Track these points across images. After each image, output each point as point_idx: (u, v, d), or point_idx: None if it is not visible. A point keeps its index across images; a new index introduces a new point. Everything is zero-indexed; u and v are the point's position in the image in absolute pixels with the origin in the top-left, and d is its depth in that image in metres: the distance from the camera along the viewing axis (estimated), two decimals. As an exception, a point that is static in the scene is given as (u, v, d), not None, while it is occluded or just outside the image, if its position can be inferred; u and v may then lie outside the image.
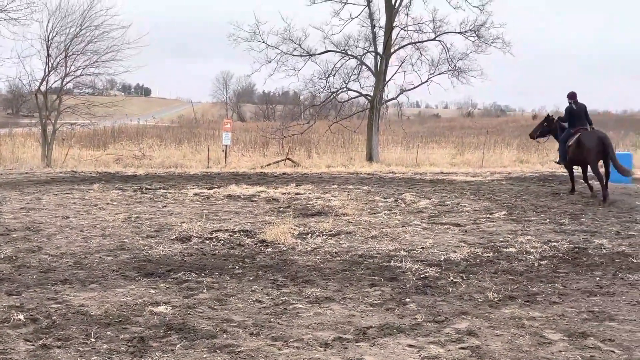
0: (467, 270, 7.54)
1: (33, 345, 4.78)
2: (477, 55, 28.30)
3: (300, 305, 6.00)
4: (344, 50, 28.30)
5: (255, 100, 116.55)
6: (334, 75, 28.63)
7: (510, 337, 5.20)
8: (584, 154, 14.46)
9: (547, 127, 16.50)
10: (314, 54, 28.36)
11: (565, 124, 15.65)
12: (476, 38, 27.72)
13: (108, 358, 4.55)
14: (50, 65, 24.93)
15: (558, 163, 16.34)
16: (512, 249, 8.75)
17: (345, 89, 29.18)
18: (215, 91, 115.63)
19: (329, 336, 5.12)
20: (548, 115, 17.10)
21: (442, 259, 8.12)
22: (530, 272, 7.49)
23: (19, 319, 5.34)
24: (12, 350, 4.65)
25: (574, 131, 15.04)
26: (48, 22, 24.89)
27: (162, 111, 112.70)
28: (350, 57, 28.52)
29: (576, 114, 15.16)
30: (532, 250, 8.69)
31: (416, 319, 5.62)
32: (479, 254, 8.46)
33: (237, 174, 21.29)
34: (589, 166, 14.79)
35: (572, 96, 15.27)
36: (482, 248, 8.86)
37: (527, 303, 6.19)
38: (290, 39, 27.85)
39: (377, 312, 5.86)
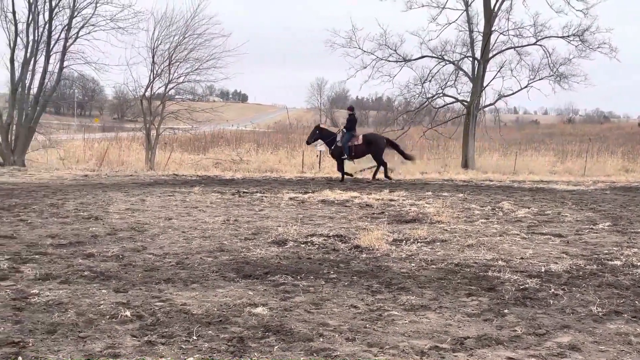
0: (569, 282, 7.26)
1: (139, 341, 5.00)
2: (580, 60, 27.27)
3: (396, 312, 5.97)
4: (440, 55, 28.00)
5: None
6: (429, 81, 28.39)
7: (616, 353, 4.96)
8: (372, 149, 21.01)
9: (318, 134, 22.03)
10: (410, 60, 28.21)
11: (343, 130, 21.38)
12: (580, 43, 26.73)
13: (209, 356, 4.69)
14: (155, 72, 26.08)
15: (343, 159, 21.26)
16: (618, 262, 8.35)
17: (441, 95, 28.85)
18: (310, 97, 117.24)
19: (425, 345, 5.06)
20: (318, 124, 24.26)
21: (542, 270, 7.85)
22: (637, 286, 7.12)
23: (126, 315, 5.59)
24: (120, 345, 4.88)
25: (355, 134, 21.11)
26: (154, 31, 26.13)
27: (258, 117, 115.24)
28: (447, 62, 28.17)
29: (355, 121, 21.52)
30: (639, 263, 8.27)
31: (515, 331, 5.46)
32: (582, 266, 8.13)
33: (331, 179, 21.46)
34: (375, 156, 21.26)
35: (352, 109, 21.94)
36: (585, 260, 8.51)
37: (635, 319, 5.89)
38: (386, 44, 27.85)
39: (474, 322, 5.74)
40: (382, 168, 21.48)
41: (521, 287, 6.99)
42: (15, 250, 8.34)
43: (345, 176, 21.27)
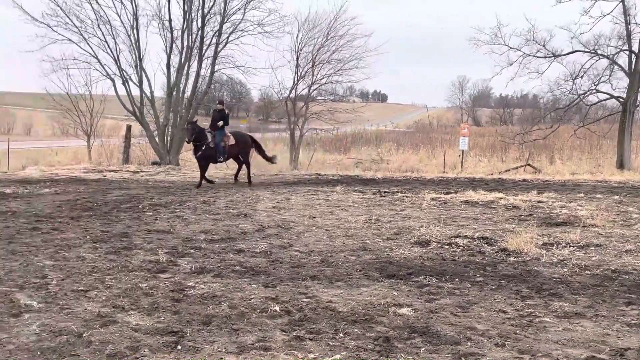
0: None
1: (288, 335, 5.14)
2: None
3: (548, 319, 5.70)
4: (593, 49, 26.39)
5: (492, 104, 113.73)
6: (581, 76, 26.83)
7: None
8: (242, 148, 18.54)
9: (197, 130, 17.75)
10: (560, 55, 26.83)
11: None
12: None
13: (356, 355, 4.72)
14: (298, 74, 26.76)
15: (219, 162, 18.36)
16: None
17: (593, 91, 27.20)
18: (451, 96, 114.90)
19: (581, 354, 4.79)
20: (192, 120, 19.34)
21: None
22: None
23: (275, 310, 5.77)
24: (270, 339, 5.04)
25: (226, 133, 17.94)
26: (298, 34, 26.79)
27: (398, 116, 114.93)
28: (601, 56, 26.50)
29: (227, 118, 18.27)
30: None
31: (684, 345, 5.03)
32: None
33: (474, 180, 20.93)
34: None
35: (222, 103, 18.79)
36: None
37: None
38: (534, 40, 26.66)
39: (635, 332, 5.36)
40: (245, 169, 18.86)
41: (689, 298, 6.43)
42: (173, 244, 8.89)
43: (204, 182, 17.71)
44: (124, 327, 5.20)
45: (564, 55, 26.91)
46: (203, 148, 17.16)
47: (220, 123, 17.60)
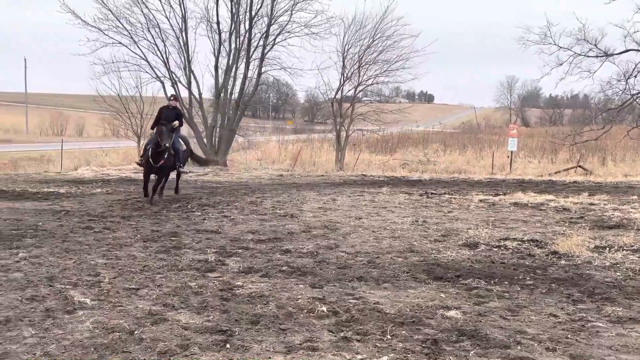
0: None
1: (335, 336, 5.14)
2: None
3: (600, 324, 5.57)
4: (647, 48, 25.64)
5: (541, 105, 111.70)
6: (635, 76, 26.09)
7: None
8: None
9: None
10: (612, 54, 26.14)
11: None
12: None
13: (404, 357, 4.70)
14: (345, 75, 26.78)
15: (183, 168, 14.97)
16: None
17: (648, 91, 26.42)
18: (499, 96, 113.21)
19: (636, 361, 4.67)
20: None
21: None
22: None
23: (322, 311, 5.78)
24: (317, 339, 5.06)
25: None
26: (344, 35, 26.87)
27: (444, 117, 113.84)
28: (655, 55, 25.74)
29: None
30: None
31: None
32: None
33: (523, 181, 20.59)
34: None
35: (176, 99, 15.46)
36: None
37: None
38: (584, 39, 26.01)
39: (693, 340, 5.18)
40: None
41: None
42: (221, 244, 8.99)
43: (148, 196, 13.95)
44: (174, 325, 5.29)
45: (617, 54, 26.22)
46: (166, 156, 13.42)
47: (176, 123, 13.87)
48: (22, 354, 4.63)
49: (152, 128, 14.23)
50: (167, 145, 13.21)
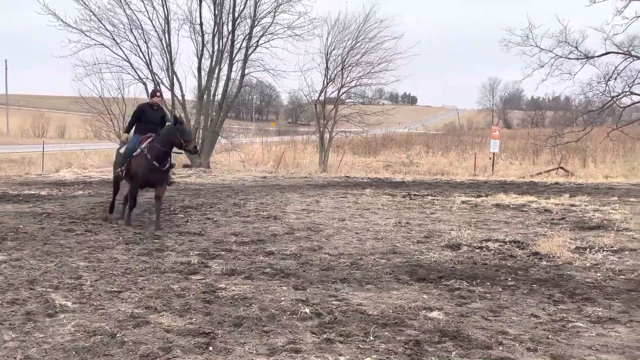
0: None
1: (318, 338, 5.15)
2: None
3: (581, 324, 5.63)
4: (627, 51, 25.95)
5: (523, 107, 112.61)
6: (615, 78, 26.39)
7: None
8: None
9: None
10: (593, 57, 26.43)
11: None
12: None
13: (387, 358, 4.72)
14: (328, 76, 26.84)
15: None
16: None
17: (627, 93, 26.74)
18: (482, 98, 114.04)
19: (616, 361, 4.72)
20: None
21: None
22: None
23: (305, 312, 5.79)
24: (300, 341, 5.06)
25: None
26: (327, 37, 26.91)
27: (427, 119, 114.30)
28: (635, 58, 26.05)
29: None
30: None
31: None
32: None
33: (505, 183, 20.74)
34: None
35: (160, 94, 12.16)
36: None
37: None
38: (566, 41, 26.28)
39: (672, 340, 5.26)
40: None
41: None
42: (204, 246, 8.96)
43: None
44: (156, 328, 5.27)
45: (597, 56, 26.49)
46: (137, 154, 10.96)
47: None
48: (3, 358, 4.59)
49: (127, 131, 11.72)
50: (196, 147, 11.10)
